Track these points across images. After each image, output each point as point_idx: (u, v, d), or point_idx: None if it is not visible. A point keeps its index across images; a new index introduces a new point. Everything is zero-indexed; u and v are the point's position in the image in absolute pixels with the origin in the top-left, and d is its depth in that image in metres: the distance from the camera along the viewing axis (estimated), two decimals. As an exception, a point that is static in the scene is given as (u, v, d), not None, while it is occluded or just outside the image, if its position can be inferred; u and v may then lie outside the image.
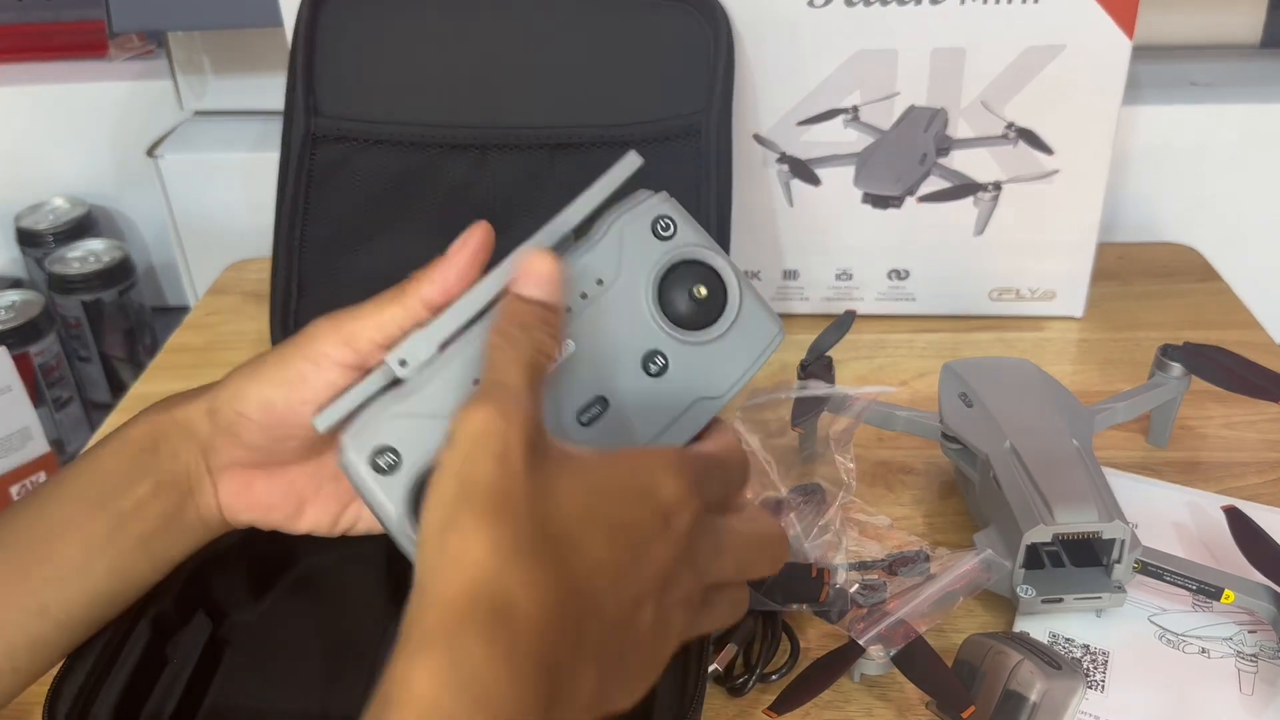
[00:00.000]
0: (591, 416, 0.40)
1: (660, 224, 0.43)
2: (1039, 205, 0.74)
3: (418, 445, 0.38)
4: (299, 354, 0.42)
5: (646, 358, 0.41)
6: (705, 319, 0.42)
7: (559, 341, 0.39)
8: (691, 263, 0.42)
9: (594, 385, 0.41)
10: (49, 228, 1.00)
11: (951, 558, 0.54)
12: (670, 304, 0.42)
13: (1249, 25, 0.92)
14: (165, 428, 0.44)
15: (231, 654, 0.52)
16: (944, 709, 0.47)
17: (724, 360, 0.42)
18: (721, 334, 0.42)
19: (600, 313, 0.41)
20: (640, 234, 0.42)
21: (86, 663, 0.45)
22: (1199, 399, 0.67)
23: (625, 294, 0.42)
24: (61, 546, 0.43)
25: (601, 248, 0.42)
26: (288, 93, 0.70)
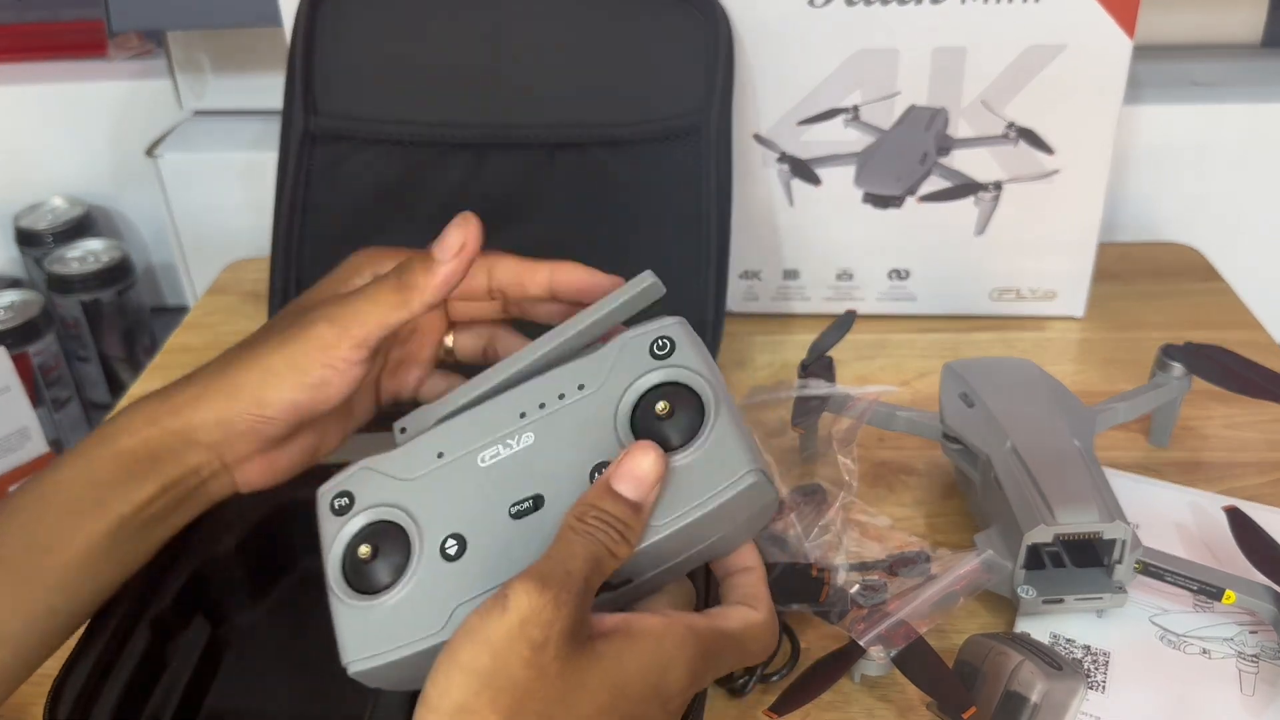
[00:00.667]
0: (521, 511, 0.40)
1: (658, 344, 0.42)
2: (1040, 205, 0.74)
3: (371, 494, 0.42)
4: (315, 361, 0.43)
5: (596, 468, 0.40)
6: (671, 444, 0.40)
7: (632, 547, 0.38)
8: (677, 385, 0.41)
9: (537, 483, 0.40)
10: (48, 227, 1.00)
11: (952, 558, 0.54)
12: (642, 422, 0.41)
13: (1250, 25, 0.92)
14: (164, 440, 0.44)
15: (231, 656, 0.52)
16: (945, 710, 0.47)
17: (675, 488, 0.39)
18: (685, 463, 0.39)
19: (569, 415, 0.41)
20: (637, 350, 0.42)
21: (86, 665, 0.45)
22: (1200, 399, 0.67)
23: (599, 403, 0.41)
24: (64, 555, 0.43)
25: (597, 356, 0.43)
26: (286, 92, 0.69)
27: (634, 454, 0.38)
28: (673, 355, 0.42)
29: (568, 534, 0.37)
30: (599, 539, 0.37)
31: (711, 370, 0.41)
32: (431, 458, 0.42)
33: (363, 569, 0.41)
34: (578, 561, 0.36)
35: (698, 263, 0.68)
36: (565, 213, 0.69)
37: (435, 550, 0.40)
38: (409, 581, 0.40)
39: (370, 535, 0.41)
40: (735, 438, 0.40)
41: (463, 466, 0.42)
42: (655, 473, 0.38)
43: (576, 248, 0.69)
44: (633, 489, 0.38)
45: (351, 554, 0.41)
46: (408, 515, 0.41)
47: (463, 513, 0.41)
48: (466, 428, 0.42)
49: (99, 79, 0.98)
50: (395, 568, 0.40)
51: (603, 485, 0.38)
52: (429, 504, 0.41)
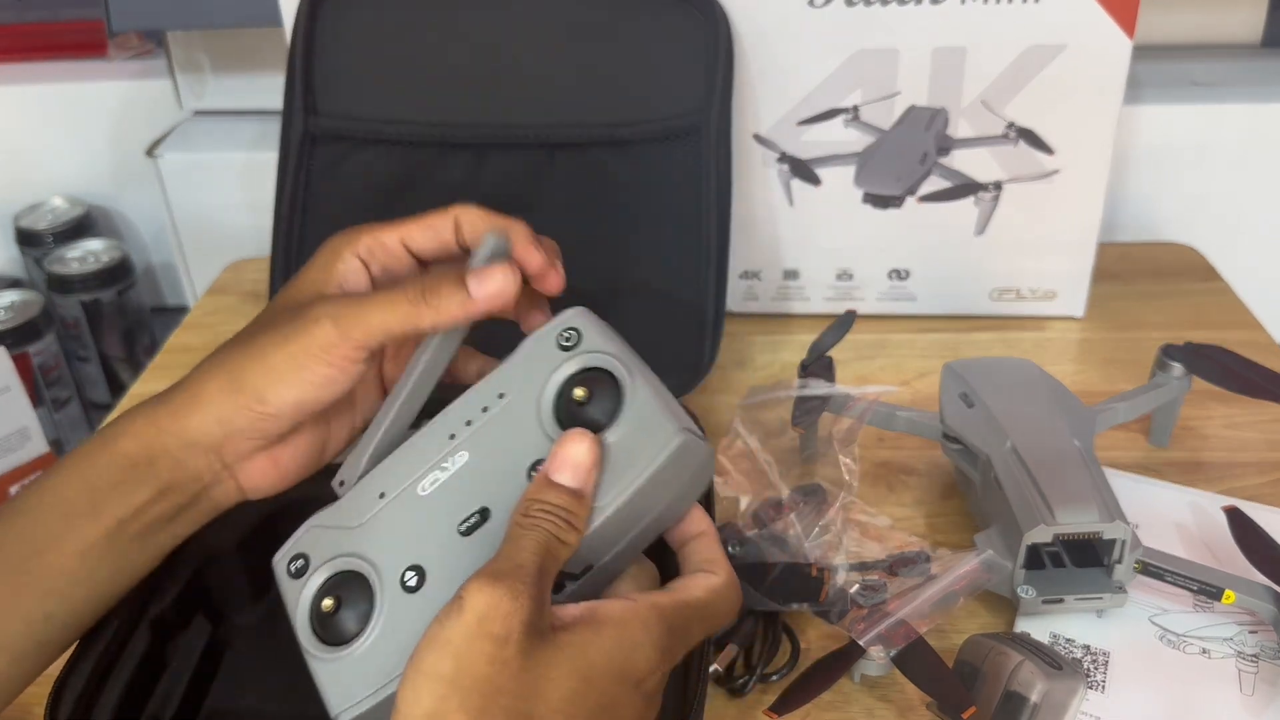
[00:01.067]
0: (470, 526, 0.40)
1: (564, 336, 0.43)
2: (1040, 205, 0.74)
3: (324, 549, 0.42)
4: (317, 359, 0.42)
5: (532, 467, 0.41)
6: (597, 426, 0.40)
7: (581, 532, 0.39)
8: (593, 370, 0.42)
9: (479, 496, 0.41)
10: (48, 227, 1.00)
11: (952, 558, 0.53)
12: (564, 414, 0.41)
13: (1250, 25, 0.92)
14: (162, 443, 0.43)
15: (231, 656, 0.52)
16: (945, 710, 0.47)
17: (611, 467, 0.39)
18: (614, 440, 0.40)
19: (496, 425, 0.42)
20: (545, 348, 0.43)
21: (87, 666, 0.45)
22: (1200, 399, 0.67)
23: (520, 405, 0.42)
24: (59, 559, 0.42)
25: (510, 363, 0.43)
26: (286, 92, 0.69)
27: (565, 442, 0.39)
28: (580, 343, 0.42)
29: (515, 531, 0.37)
30: (545, 528, 0.37)
31: (620, 347, 0.42)
32: (374, 500, 0.43)
33: (330, 622, 0.41)
34: (527, 554, 0.36)
35: (698, 263, 0.68)
36: (565, 213, 0.69)
37: (396, 586, 0.40)
38: (378, 622, 0.40)
39: (332, 588, 0.42)
40: (655, 404, 0.40)
41: (406, 500, 0.42)
42: (589, 456, 0.39)
43: (576, 248, 0.69)
44: (570, 476, 0.39)
45: (317, 611, 0.41)
46: (363, 560, 0.41)
47: (415, 544, 0.41)
48: (401, 463, 0.43)
49: (99, 79, 0.98)
50: (362, 613, 0.41)
51: (541, 479, 0.39)
52: (381, 544, 0.42)
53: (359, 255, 0.46)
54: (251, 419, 0.43)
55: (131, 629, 0.47)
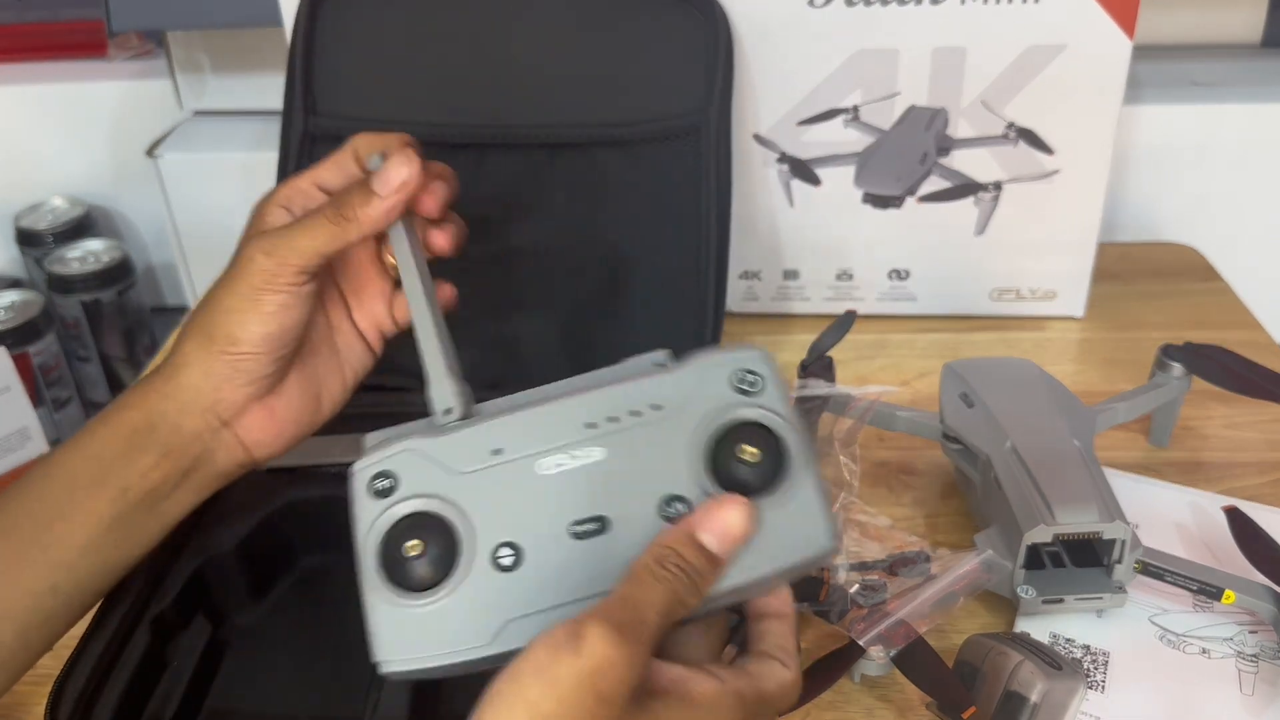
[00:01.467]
0: (584, 533, 0.38)
1: (745, 378, 0.40)
2: (1040, 205, 0.74)
3: (418, 481, 0.39)
4: (267, 289, 0.44)
5: (667, 499, 0.38)
6: (747, 489, 0.38)
7: (702, 598, 0.37)
8: (761, 428, 0.39)
9: (602, 503, 0.39)
10: (48, 228, 1.00)
11: (952, 558, 0.53)
12: (719, 459, 0.39)
13: (1250, 25, 0.92)
14: (158, 406, 0.45)
15: (231, 656, 0.52)
16: (944, 709, 0.47)
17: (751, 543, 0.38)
18: (765, 518, 0.38)
19: (642, 435, 0.39)
20: (719, 379, 0.40)
21: (87, 665, 0.45)
22: (1200, 399, 0.67)
23: (676, 428, 0.39)
24: (66, 529, 0.43)
25: (675, 377, 0.40)
26: (286, 92, 0.69)
27: (725, 507, 0.37)
28: (760, 393, 0.39)
29: (645, 576, 0.36)
30: (675, 588, 0.36)
31: (796, 416, 0.40)
32: (486, 453, 0.39)
33: (405, 564, 0.38)
34: (654, 612, 0.35)
35: (698, 263, 0.68)
36: (565, 213, 0.69)
37: (487, 557, 0.38)
38: (456, 585, 0.38)
39: (415, 527, 0.39)
40: (818, 502, 0.38)
41: (521, 471, 0.39)
42: (743, 531, 0.37)
43: (576, 248, 0.69)
44: (717, 543, 0.37)
45: (392, 544, 0.39)
46: (458, 512, 0.39)
47: (519, 521, 0.39)
48: (527, 427, 0.40)
49: (99, 79, 0.98)
50: (440, 567, 0.38)
51: (687, 532, 0.37)
52: (482, 505, 0.39)
53: (280, 205, 0.47)
54: (230, 362, 0.45)
55: (132, 628, 0.47)
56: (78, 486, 0.44)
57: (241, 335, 0.44)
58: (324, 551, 0.56)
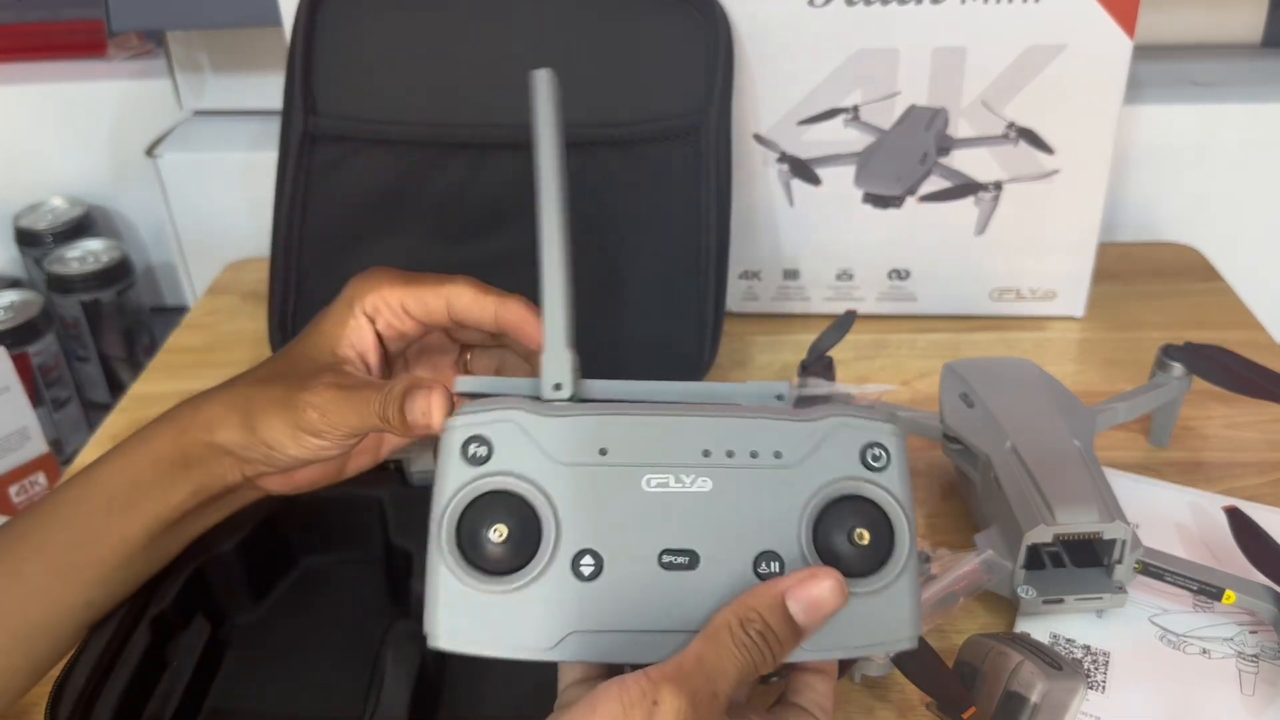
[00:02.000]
0: (672, 564, 0.37)
1: (873, 451, 0.38)
2: (1040, 205, 0.74)
3: (514, 459, 0.37)
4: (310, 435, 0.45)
5: (763, 555, 0.37)
6: (846, 569, 0.37)
7: (778, 664, 0.36)
8: (876, 509, 0.38)
9: (697, 537, 0.37)
10: (48, 227, 1.00)
11: (952, 558, 0.53)
12: (826, 529, 0.38)
13: (1250, 24, 0.92)
14: (197, 451, 0.46)
15: (231, 656, 0.52)
16: (945, 710, 0.47)
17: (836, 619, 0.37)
18: (856, 599, 0.37)
19: (755, 482, 0.38)
20: (847, 446, 0.38)
21: (87, 665, 0.45)
22: (1200, 399, 0.67)
23: (791, 484, 0.38)
24: (101, 551, 0.45)
25: (805, 429, 0.38)
26: (286, 92, 0.69)
27: (820, 579, 0.36)
28: (884, 471, 0.38)
29: (725, 638, 0.35)
30: (752, 656, 0.35)
31: (912, 504, 0.38)
32: (592, 449, 0.37)
33: (482, 542, 0.37)
34: (727, 683, 0.34)
35: (698, 263, 0.68)
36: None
37: (567, 559, 0.37)
38: (529, 580, 0.36)
39: (500, 507, 0.37)
40: (910, 598, 0.38)
41: (625, 479, 0.37)
42: (833, 607, 0.36)
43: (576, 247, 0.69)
44: (804, 614, 0.36)
45: (473, 518, 0.37)
46: (549, 504, 0.37)
47: (609, 531, 0.37)
48: (641, 434, 0.38)
49: (99, 79, 0.98)
50: (517, 557, 0.37)
51: (776, 597, 0.36)
52: (576, 503, 0.37)
53: (365, 312, 0.47)
54: (264, 454, 0.46)
55: (132, 628, 0.47)
56: (113, 510, 0.45)
57: (279, 451, 0.45)
58: (324, 551, 0.56)
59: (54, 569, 0.44)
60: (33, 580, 0.44)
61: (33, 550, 0.44)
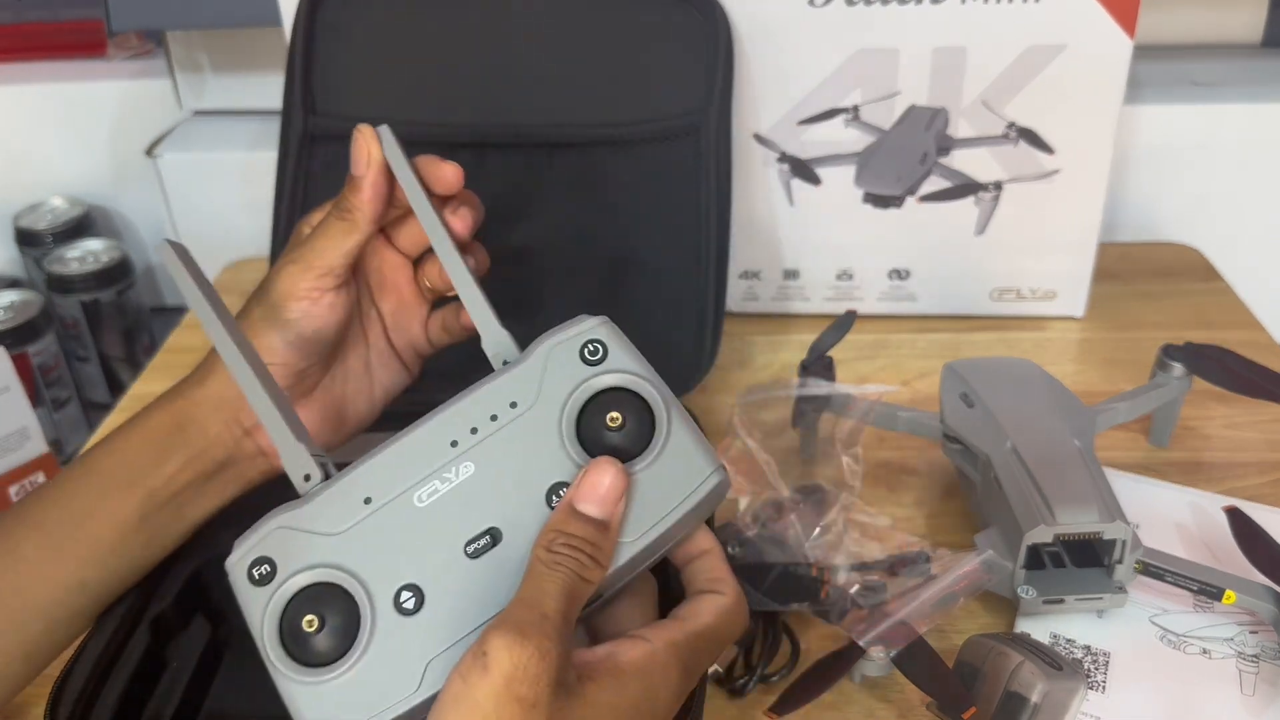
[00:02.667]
0: (479, 549, 0.38)
1: (589, 348, 0.40)
2: (1040, 205, 0.74)
3: (296, 557, 0.38)
4: (290, 297, 0.46)
5: (551, 490, 0.38)
6: (625, 453, 0.38)
7: (605, 569, 0.37)
8: (619, 390, 0.39)
9: (488, 515, 0.38)
10: (47, 227, 1.00)
11: (952, 558, 0.53)
12: (589, 435, 0.39)
13: (1250, 24, 0.92)
14: (187, 409, 0.46)
15: (230, 657, 0.52)
16: (945, 710, 0.47)
17: (639, 500, 0.38)
18: (645, 473, 0.38)
19: (508, 437, 0.39)
20: (566, 358, 0.40)
21: (86, 666, 0.45)
22: (1201, 399, 0.67)
23: (539, 420, 0.39)
24: (96, 528, 0.45)
25: (523, 369, 0.40)
26: (285, 91, 0.69)
27: (594, 471, 0.37)
28: (606, 359, 0.40)
29: (538, 567, 0.36)
30: (570, 568, 0.36)
31: (648, 369, 0.40)
32: (358, 505, 0.39)
33: (308, 640, 0.37)
34: (553, 600, 0.35)
35: (697, 263, 0.68)
36: (565, 212, 0.69)
37: (389, 607, 0.37)
38: (367, 645, 0.37)
39: (309, 603, 0.38)
40: (692, 440, 0.39)
41: (398, 510, 0.39)
42: (619, 488, 0.37)
43: (576, 248, 0.69)
44: (598, 508, 0.37)
45: (292, 627, 0.38)
46: (346, 574, 0.38)
47: (411, 561, 0.38)
48: (391, 466, 0.39)
49: (99, 79, 0.98)
50: (345, 632, 0.37)
51: (566, 508, 0.37)
52: (369, 558, 0.38)
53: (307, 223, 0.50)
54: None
55: (131, 629, 0.47)
56: (109, 487, 0.45)
57: (262, 344, 0.45)
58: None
59: (49, 547, 0.44)
60: (28, 559, 0.44)
61: (29, 529, 0.44)
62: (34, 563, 0.44)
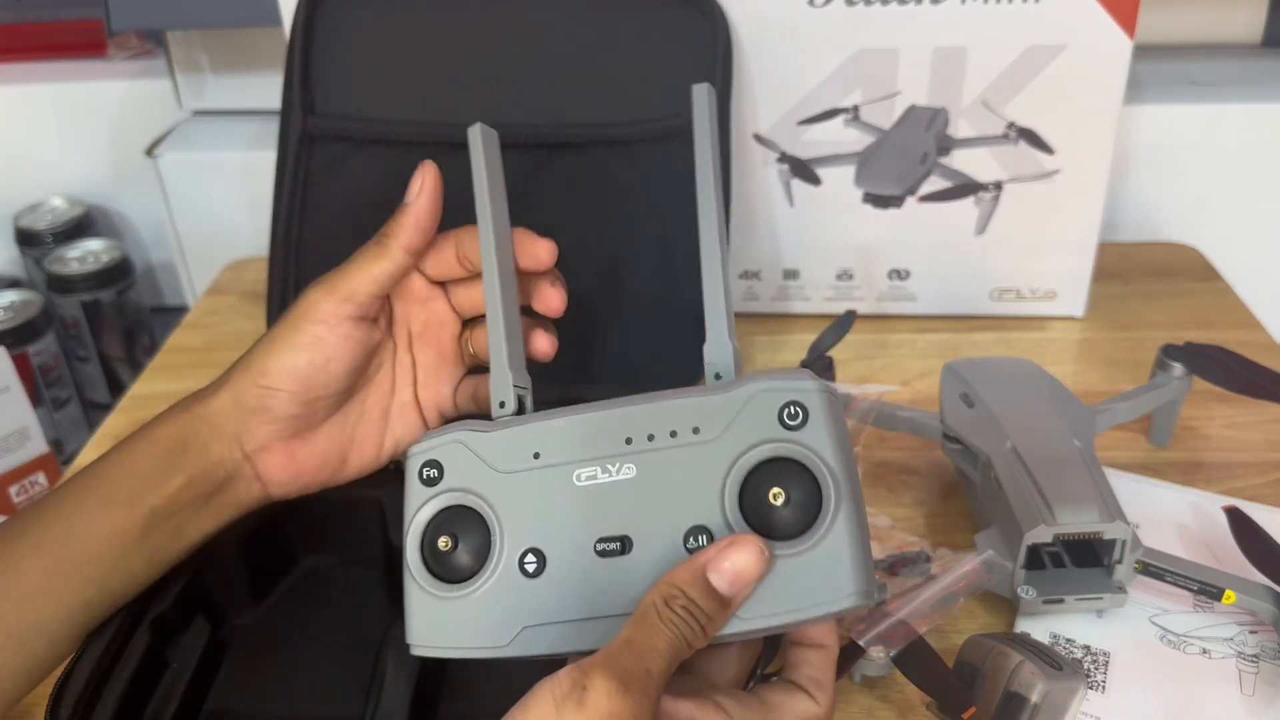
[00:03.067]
0: (608, 551, 0.38)
1: (789, 410, 0.38)
2: (1040, 205, 0.74)
3: (461, 475, 0.41)
4: (306, 319, 0.45)
5: (692, 530, 0.37)
6: (776, 531, 0.37)
7: (709, 639, 0.36)
8: (799, 467, 0.37)
9: (628, 522, 0.38)
10: (47, 227, 1.00)
11: (952, 558, 0.53)
12: (750, 495, 0.37)
13: (1250, 24, 0.92)
14: (192, 425, 0.46)
15: (231, 657, 0.52)
16: (945, 710, 0.47)
17: (771, 585, 0.36)
18: (788, 561, 0.36)
19: (677, 460, 0.38)
20: (765, 409, 0.38)
21: (87, 666, 0.45)
22: (1200, 399, 0.67)
23: (711, 458, 0.38)
24: (98, 546, 0.44)
25: (719, 401, 0.39)
26: (284, 91, 0.69)
27: (737, 547, 0.36)
28: (803, 429, 0.37)
29: (652, 619, 0.35)
30: (681, 632, 0.35)
31: (840, 458, 0.37)
32: (528, 455, 0.40)
33: (440, 554, 0.40)
34: (659, 659, 0.34)
35: (697, 262, 0.68)
36: (564, 213, 0.69)
37: (514, 560, 0.39)
38: (483, 583, 0.39)
39: (452, 520, 0.40)
40: (849, 550, 0.36)
41: (557, 478, 0.39)
42: (755, 573, 0.36)
43: (576, 248, 0.69)
44: (728, 585, 0.36)
45: (431, 533, 0.40)
46: (493, 512, 0.40)
47: (548, 529, 0.39)
48: (568, 434, 0.40)
49: (99, 79, 0.98)
50: (473, 561, 0.40)
51: (697, 571, 0.36)
52: (516, 507, 0.40)
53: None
54: (259, 395, 0.45)
55: (131, 629, 0.47)
56: (112, 503, 0.45)
57: (271, 366, 0.45)
58: (324, 551, 0.56)
59: (52, 568, 0.44)
60: (31, 579, 0.43)
61: (30, 547, 0.44)
62: (36, 583, 0.43)
